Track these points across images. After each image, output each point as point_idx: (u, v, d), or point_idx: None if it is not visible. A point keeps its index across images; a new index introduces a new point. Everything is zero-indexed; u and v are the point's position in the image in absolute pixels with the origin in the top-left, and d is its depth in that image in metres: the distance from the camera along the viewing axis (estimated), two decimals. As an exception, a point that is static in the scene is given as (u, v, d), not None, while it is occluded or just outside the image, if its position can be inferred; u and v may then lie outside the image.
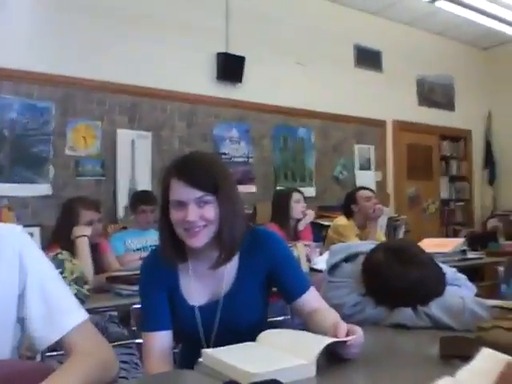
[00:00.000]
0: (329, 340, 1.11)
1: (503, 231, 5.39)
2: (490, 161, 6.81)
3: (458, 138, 6.79)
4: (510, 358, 0.98)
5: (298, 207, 3.47)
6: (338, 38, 5.43)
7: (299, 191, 3.64)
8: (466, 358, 1.04)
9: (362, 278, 1.61)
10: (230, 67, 4.59)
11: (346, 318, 1.42)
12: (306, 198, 3.69)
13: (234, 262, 1.40)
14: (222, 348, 1.17)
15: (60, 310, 1.05)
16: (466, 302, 1.48)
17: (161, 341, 1.36)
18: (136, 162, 4.13)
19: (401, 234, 4.94)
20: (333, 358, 1.15)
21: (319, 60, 5.25)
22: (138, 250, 3.33)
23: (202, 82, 4.54)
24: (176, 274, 1.40)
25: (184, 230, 1.30)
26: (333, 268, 1.70)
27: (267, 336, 1.23)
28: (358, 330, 1.16)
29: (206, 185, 1.30)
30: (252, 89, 4.74)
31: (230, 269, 1.40)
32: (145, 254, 3.08)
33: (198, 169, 1.33)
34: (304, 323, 1.42)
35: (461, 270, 1.92)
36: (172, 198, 1.31)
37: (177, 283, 1.40)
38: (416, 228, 5.58)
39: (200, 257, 1.38)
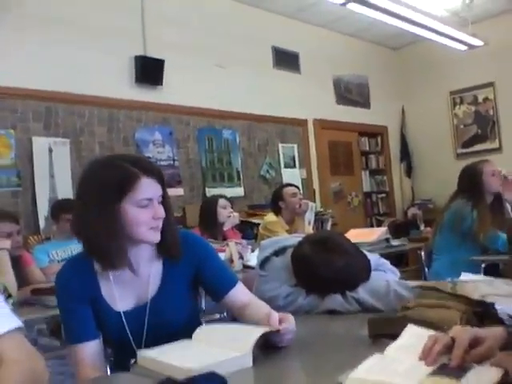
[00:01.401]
0: (262, 330, 1.13)
1: (423, 218, 5.70)
2: (405, 154, 7.20)
3: (376, 133, 7.12)
4: (431, 331, 1.04)
5: (224, 213, 3.58)
6: (257, 40, 5.51)
7: (226, 198, 3.73)
8: (394, 336, 1.09)
9: (292, 269, 1.65)
10: (149, 70, 4.52)
11: (279, 309, 1.44)
12: (235, 198, 3.78)
13: (159, 265, 1.39)
14: (157, 348, 1.15)
15: None
16: (390, 284, 1.56)
17: (90, 351, 1.31)
18: (55, 170, 3.96)
19: (328, 228, 5.09)
20: (268, 347, 1.17)
21: (239, 62, 5.30)
22: (62, 260, 3.18)
23: (121, 86, 4.43)
24: (96, 282, 1.36)
25: (150, 228, 1.30)
26: (263, 262, 1.73)
27: (202, 332, 1.22)
28: (290, 318, 1.20)
29: (163, 183, 1.34)
30: (173, 92, 4.69)
31: (155, 272, 1.38)
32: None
33: (156, 166, 1.37)
34: (237, 318, 1.44)
35: (386, 257, 2.01)
36: (140, 197, 1.27)
37: (98, 291, 1.35)
38: (342, 221, 5.77)
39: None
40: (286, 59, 5.83)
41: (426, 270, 3.30)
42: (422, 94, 7.01)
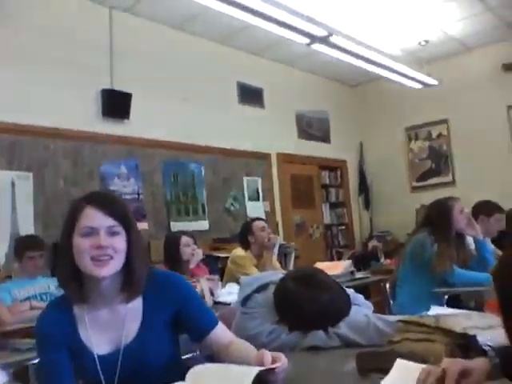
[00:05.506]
0: (258, 369, 1.14)
1: (383, 250, 5.84)
2: (364, 187, 7.41)
3: (335, 167, 7.31)
4: (422, 365, 1.09)
5: (187, 250, 3.55)
6: (222, 76, 5.62)
7: (188, 234, 3.70)
8: (382, 370, 1.13)
9: (275, 306, 1.67)
10: (116, 103, 4.51)
11: (263, 346, 1.45)
12: (199, 232, 3.74)
13: (136, 308, 1.37)
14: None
15: None
16: (370, 318, 1.60)
17: None
18: (17, 204, 3.85)
19: (292, 260, 5.13)
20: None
21: (205, 97, 5.37)
22: (25, 299, 3.08)
23: (87, 119, 4.39)
24: (74, 326, 1.35)
25: (91, 259, 1.27)
26: (245, 300, 1.74)
27: (196, 373, 1.22)
28: (282, 357, 1.21)
29: (118, 215, 1.32)
30: (140, 125, 4.70)
31: (132, 316, 1.36)
32: (35, 303, 2.90)
33: (110, 199, 1.37)
34: (218, 358, 1.43)
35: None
36: (83, 225, 1.29)
37: (77, 334, 1.34)
38: (304, 253, 5.84)
39: (98, 301, 1.35)
40: (250, 95, 5.96)
41: (391, 302, 3.37)
42: (379, 130, 7.29)
